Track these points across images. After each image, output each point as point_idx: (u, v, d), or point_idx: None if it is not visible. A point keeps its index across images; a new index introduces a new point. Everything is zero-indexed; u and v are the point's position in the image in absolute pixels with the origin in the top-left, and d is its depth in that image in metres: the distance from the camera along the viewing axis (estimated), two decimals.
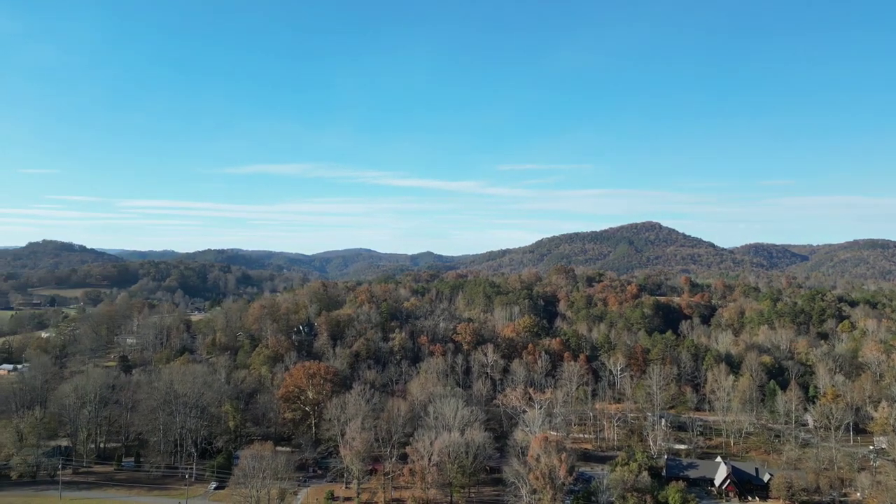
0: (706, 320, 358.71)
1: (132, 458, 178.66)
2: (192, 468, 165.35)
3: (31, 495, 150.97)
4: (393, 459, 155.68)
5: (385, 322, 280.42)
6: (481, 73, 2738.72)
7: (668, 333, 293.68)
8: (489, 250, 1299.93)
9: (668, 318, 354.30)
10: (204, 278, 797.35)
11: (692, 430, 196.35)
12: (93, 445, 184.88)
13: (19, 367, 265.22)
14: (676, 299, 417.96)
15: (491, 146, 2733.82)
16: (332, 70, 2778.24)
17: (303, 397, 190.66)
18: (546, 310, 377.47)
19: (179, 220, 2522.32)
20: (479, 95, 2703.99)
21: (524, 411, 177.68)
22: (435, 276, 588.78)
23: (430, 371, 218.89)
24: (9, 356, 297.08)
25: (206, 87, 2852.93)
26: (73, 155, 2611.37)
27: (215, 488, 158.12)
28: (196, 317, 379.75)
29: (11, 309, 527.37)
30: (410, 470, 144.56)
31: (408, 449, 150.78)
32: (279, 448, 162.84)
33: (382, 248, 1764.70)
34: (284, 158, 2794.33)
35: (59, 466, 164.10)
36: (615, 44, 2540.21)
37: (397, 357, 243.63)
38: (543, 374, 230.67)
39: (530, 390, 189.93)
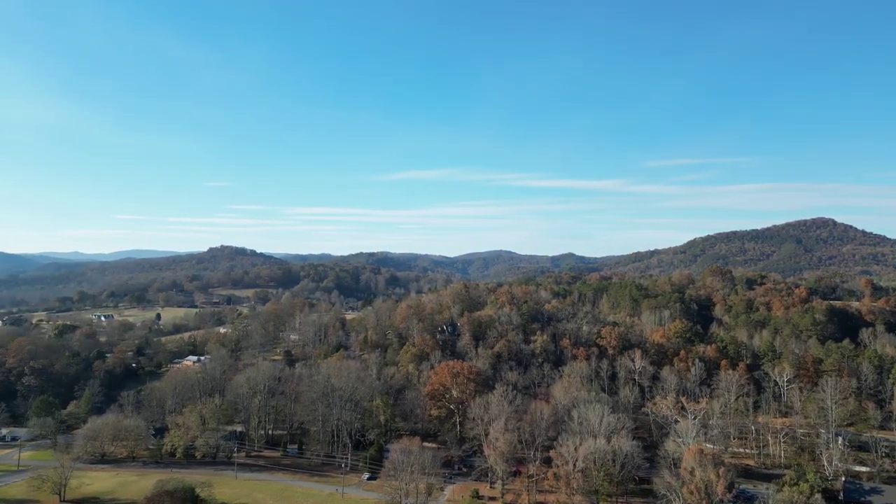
0: (892, 328, 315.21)
1: (296, 446, 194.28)
2: (347, 458, 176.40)
3: (212, 473, 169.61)
4: (536, 462, 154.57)
5: (526, 324, 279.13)
6: (627, 67, 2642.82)
7: (846, 342, 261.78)
8: (635, 251, 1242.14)
9: (845, 326, 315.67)
10: (357, 279, 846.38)
11: (876, 451, 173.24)
12: (262, 432, 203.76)
13: (202, 358, 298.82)
14: (855, 304, 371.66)
15: (637, 142, 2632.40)
16: (475, 73, 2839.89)
17: (447, 395, 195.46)
18: (700, 314, 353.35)
19: (335, 226, 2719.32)
20: (624, 91, 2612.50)
21: (676, 421, 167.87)
22: (577, 277, 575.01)
23: (573, 375, 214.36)
24: (194, 349, 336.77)
25: (359, 102, 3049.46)
26: (247, 169, 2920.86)
27: (368, 478, 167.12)
28: (350, 315, 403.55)
29: (196, 307, 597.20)
30: (555, 474, 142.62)
31: (552, 453, 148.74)
32: (426, 444, 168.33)
33: (522, 249, 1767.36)
34: (430, 164, 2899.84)
35: (234, 449, 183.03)
36: (773, 26, 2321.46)
37: (539, 359, 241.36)
38: (697, 382, 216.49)
39: (682, 399, 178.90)
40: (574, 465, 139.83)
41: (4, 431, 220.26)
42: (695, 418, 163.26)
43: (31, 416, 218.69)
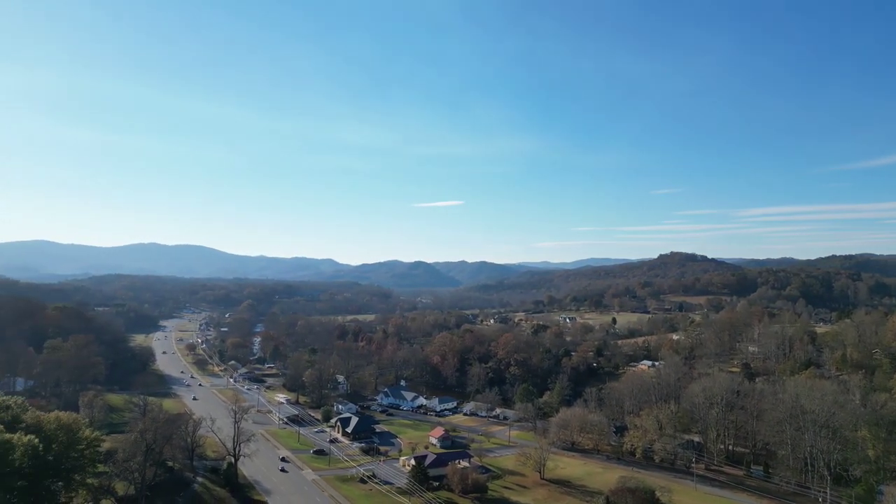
0: None
1: (760, 467, 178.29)
2: (825, 493, 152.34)
3: (671, 479, 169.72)
4: None
5: None
6: None
7: None
8: None
9: None
10: (828, 287, 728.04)
11: None
12: (721, 446, 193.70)
13: (656, 363, 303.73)
14: None
15: None
16: None
17: None
18: None
19: (797, 226, 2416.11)
20: None
21: None
22: None
23: None
24: (647, 353, 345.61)
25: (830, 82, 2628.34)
26: (696, 174, 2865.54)
27: None
28: (821, 328, 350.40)
29: (648, 312, 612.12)
30: None
31: None
32: None
33: None
34: None
35: (693, 460, 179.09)
36: None
37: None
38: None
39: None
40: None
41: (498, 411, 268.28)
42: None
43: (515, 400, 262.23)
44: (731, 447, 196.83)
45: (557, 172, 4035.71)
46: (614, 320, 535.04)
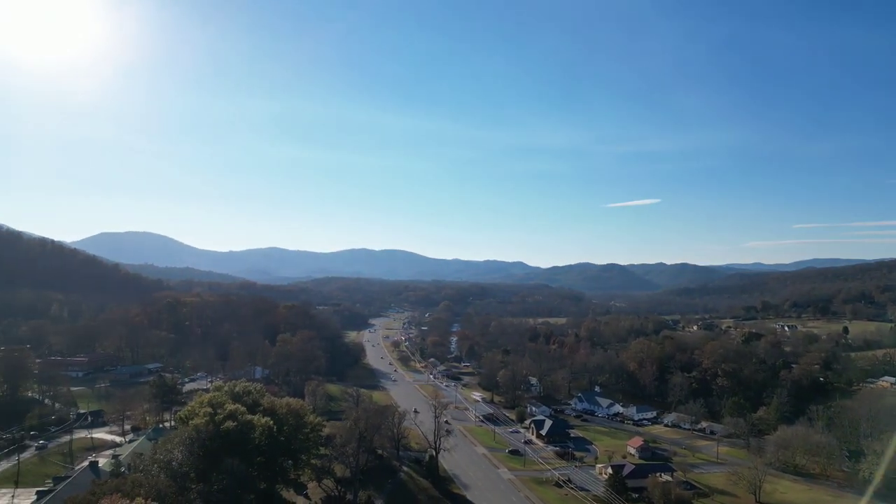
0: None
1: None
2: None
3: None
4: None
5: None
6: None
7: None
8: None
9: None
10: None
11: None
12: None
13: None
14: None
15: None
16: None
17: None
18: None
19: None
20: None
21: None
22: None
23: None
24: (889, 368, 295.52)
25: None
26: None
27: None
28: None
29: (890, 321, 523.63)
30: None
31: None
32: None
33: None
34: None
35: None
36: None
37: None
38: None
39: None
40: None
41: (704, 424, 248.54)
42: None
43: (724, 414, 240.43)
44: None
45: (772, 164, 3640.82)
46: (846, 329, 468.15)
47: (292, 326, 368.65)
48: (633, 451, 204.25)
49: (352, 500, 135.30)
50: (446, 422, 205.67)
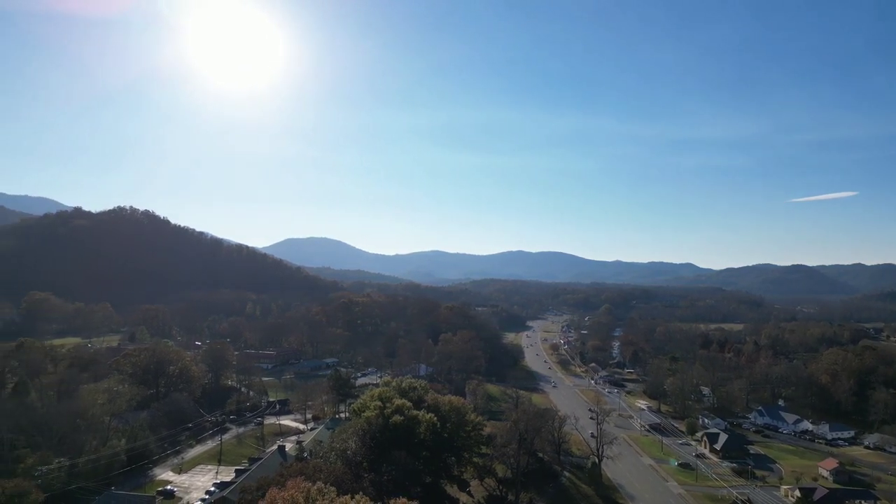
0: None
1: None
2: None
3: None
4: None
5: None
6: None
7: None
8: None
9: None
10: None
11: None
12: None
13: None
14: None
15: None
16: None
17: None
18: None
19: None
20: None
21: None
22: None
23: None
24: None
25: None
26: None
27: None
28: None
29: None
30: None
31: None
32: None
33: None
34: None
35: None
36: None
37: None
38: None
39: None
40: None
41: None
42: None
43: None
44: None
45: None
46: None
47: (453, 326, 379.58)
48: (825, 473, 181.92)
49: (514, 501, 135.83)
50: (609, 429, 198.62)
